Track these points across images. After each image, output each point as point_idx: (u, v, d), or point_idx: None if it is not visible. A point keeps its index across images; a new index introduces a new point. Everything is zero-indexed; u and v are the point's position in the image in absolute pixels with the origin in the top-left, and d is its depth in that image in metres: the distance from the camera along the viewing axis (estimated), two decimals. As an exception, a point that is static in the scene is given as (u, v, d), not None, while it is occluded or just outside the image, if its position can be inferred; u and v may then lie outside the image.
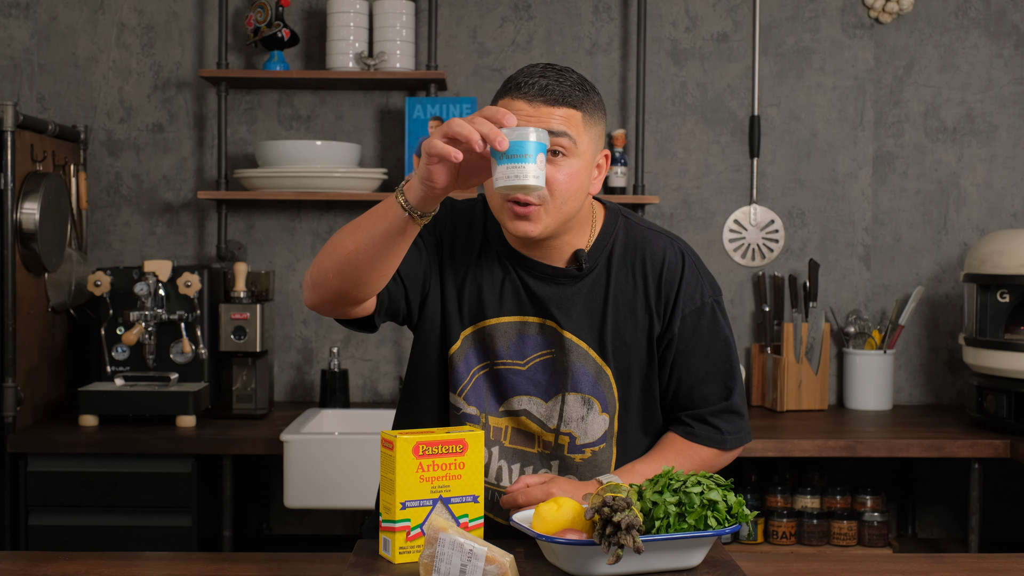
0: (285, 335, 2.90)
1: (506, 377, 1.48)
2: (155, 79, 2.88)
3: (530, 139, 1.23)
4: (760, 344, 2.89)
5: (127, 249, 2.89)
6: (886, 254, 2.93)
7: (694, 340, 1.49)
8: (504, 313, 1.48)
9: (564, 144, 1.39)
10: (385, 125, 2.90)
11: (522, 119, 1.37)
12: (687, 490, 1.27)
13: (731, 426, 1.52)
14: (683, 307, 1.48)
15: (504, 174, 1.23)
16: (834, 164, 2.91)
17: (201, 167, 2.90)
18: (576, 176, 1.40)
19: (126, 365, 2.58)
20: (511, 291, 1.48)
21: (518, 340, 1.48)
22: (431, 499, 1.31)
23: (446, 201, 1.55)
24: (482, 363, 1.48)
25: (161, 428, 2.43)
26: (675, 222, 2.90)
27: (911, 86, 2.91)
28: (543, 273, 1.48)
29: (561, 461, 1.49)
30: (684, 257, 1.51)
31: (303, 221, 2.90)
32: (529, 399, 1.48)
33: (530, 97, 1.38)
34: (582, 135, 1.40)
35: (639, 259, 1.49)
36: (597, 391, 1.48)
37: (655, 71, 2.89)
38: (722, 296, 1.54)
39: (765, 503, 2.61)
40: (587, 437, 1.48)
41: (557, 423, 1.48)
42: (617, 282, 1.48)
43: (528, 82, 1.39)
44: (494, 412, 1.49)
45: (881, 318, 2.92)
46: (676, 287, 1.48)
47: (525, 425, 1.49)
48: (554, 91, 1.39)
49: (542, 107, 1.38)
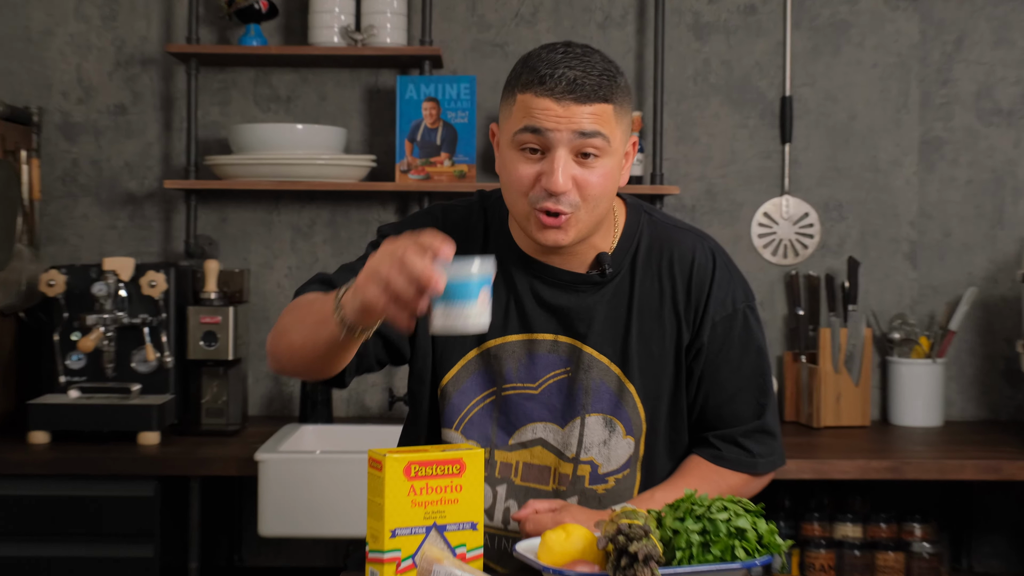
0: (261, 342, 2.88)
1: (517, 403, 1.46)
2: (117, 55, 2.87)
3: (472, 280, 1.18)
4: (793, 352, 2.87)
5: (84, 245, 2.87)
6: (934, 251, 2.91)
7: (724, 351, 1.48)
8: (510, 331, 1.46)
9: (597, 145, 1.37)
10: (374, 107, 2.89)
11: (550, 119, 1.35)
12: (712, 516, 1.26)
13: (763, 448, 1.51)
14: (713, 314, 1.47)
15: (441, 317, 1.19)
16: (875, 151, 2.89)
17: (168, 153, 2.88)
18: (609, 176, 1.39)
19: (82, 375, 2.56)
20: (518, 305, 1.47)
21: (528, 360, 1.46)
22: (424, 526, 1.29)
23: (435, 209, 1.53)
24: (487, 390, 1.47)
25: (121, 446, 2.42)
26: (697, 216, 2.89)
27: (961, 63, 2.89)
28: (561, 280, 1.46)
29: (581, 495, 1.47)
30: (715, 258, 1.50)
31: (282, 214, 2.89)
32: (544, 426, 1.47)
33: (558, 95, 1.35)
34: (615, 130, 1.39)
35: (665, 261, 1.48)
36: (620, 411, 1.46)
37: (675, 47, 2.88)
38: (755, 301, 1.53)
39: (800, 531, 2.59)
40: (610, 464, 1.47)
41: (576, 450, 1.46)
42: (642, 288, 1.47)
43: (553, 75, 1.35)
44: (503, 445, 1.47)
45: (929, 323, 2.90)
46: (706, 291, 1.47)
47: (539, 457, 1.47)
48: (584, 85, 1.35)
49: (572, 106, 1.35)
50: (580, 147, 1.36)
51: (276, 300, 2.88)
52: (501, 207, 1.50)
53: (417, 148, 2.74)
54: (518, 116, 1.38)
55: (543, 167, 1.37)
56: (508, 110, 1.40)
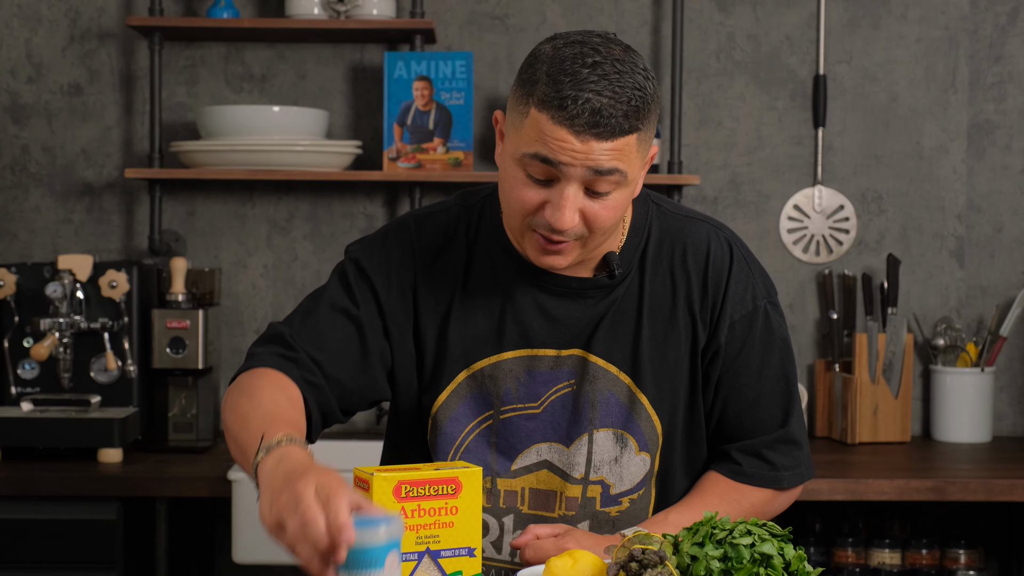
0: (234, 348, 2.91)
1: (517, 425, 1.48)
2: (71, 29, 2.89)
3: (378, 544, 1.15)
4: (826, 360, 2.90)
5: (36, 241, 2.90)
6: (984, 248, 2.93)
7: (744, 353, 1.49)
8: (507, 347, 1.48)
9: (613, 180, 1.34)
10: (359, 87, 2.91)
11: (565, 152, 1.32)
12: (734, 541, 1.27)
13: (788, 459, 1.52)
14: (731, 312, 1.48)
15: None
16: (919, 136, 2.92)
17: (129, 139, 2.91)
18: (621, 206, 1.38)
19: (35, 385, 2.59)
20: (514, 318, 1.47)
21: (528, 378, 1.47)
22: (416, 552, 1.31)
23: (407, 220, 1.53)
24: (483, 414, 1.48)
25: (79, 464, 2.44)
26: (720, 208, 2.91)
27: (1016, 37, 2.91)
28: (566, 288, 1.47)
29: (593, 519, 1.49)
30: (732, 250, 1.51)
31: (257, 206, 2.91)
32: (549, 446, 1.49)
33: (578, 128, 1.30)
34: (634, 159, 1.35)
35: (678, 255, 1.49)
36: (632, 426, 1.47)
37: (695, 19, 2.90)
38: (777, 296, 1.54)
39: (832, 558, 2.61)
40: (623, 484, 1.48)
41: (585, 470, 1.48)
42: (653, 287, 1.48)
43: (577, 100, 1.30)
44: (505, 472, 1.49)
45: (978, 328, 2.93)
46: (724, 287, 1.48)
47: (545, 481, 1.49)
48: (610, 119, 1.31)
49: (592, 142, 1.31)
50: (593, 183, 1.34)
51: (250, 302, 2.91)
52: (494, 207, 1.51)
53: (407, 133, 2.77)
54: (529, 135, 1.34)
55: (550, 196, 1.35)
56: (519, 118, 1.36)
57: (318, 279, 2.90)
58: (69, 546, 2.35)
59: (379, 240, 1.53)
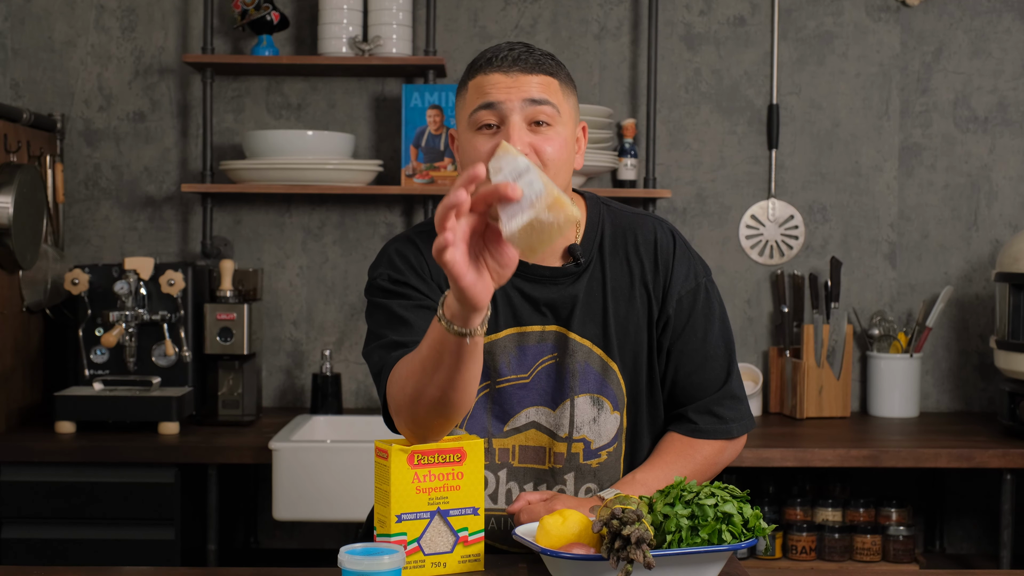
0: (274, 337, 2.90)
1: (511, 394, 1.49)
2: (136, 65, 2.89)
3: (383, 570, 1.12)
4: (779, 347, 2.89)
5: (106, 245, 2.89)
6: (913, 252, 2.93)
7: (691, 324, 1.52)
8: (501, 327, 1.48)
9: (548, 112, 1.41)
10: (380, 114, 2.91)
11: (501, 90, 1.40)
12: (700, 502, 1.27)
13: (734, 412, 1.54)
14: (678, 288, 1.52)
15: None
16: (858, 156, 2.91)
17: (185, 158, 2.90)
18: (565, 145, 1.43)
19: (105, 368, 2.59)
20: (504, 302, 1.49)
21: (518, 352, 1.49)
22: (428, 511, 1.31)
23: (388, 251, 1.50)
24: (481, 385, 1.48)
25: (142, 435, 2.44)
26: (688, 217, 2.91)
27: (940, 73, 2.91)
28: (541, 276, 1.49)
29: (577, 471, 1.50)
30: (675, 237, 1.55)
31: (293, 216, 2.91)
32: (536, 410, 1.50)
33: (505, 68, 1.41)
34: (563, 103, 1.44)
35: (631, 244, 1.52)
36: (606, 389, 1.50)
37: (667, 56, 2.89)
38: (711, 274, 1.58)
39: (783, 516, 2.61)
40: (601, 439, 1.50)
41: (568, 430, 1.49)
42: (613, 272, 1.51)
43: (498, 55, 1.42)
44: (498, 433, 1.50)
45: (907, 320, 2.92)
46: (670, 267, 1.52)
47: (534, 439, 1.50)
48: (528, 59, 1.42)
49: (519, 75, 1.41)
50: (532, 115, 1.40)
51: (288, 297, 2.91)
52: None
53: (422, 153, 2.76)
54: (472, 99, 1.43)
55: (499, 136, 1.40)
56: (462, 101, 1.45)
57: (346, 278, 2.90)
58: (134, 505, 2.35)
59: (388, 256, 1.52)
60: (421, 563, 1.31)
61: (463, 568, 1.33)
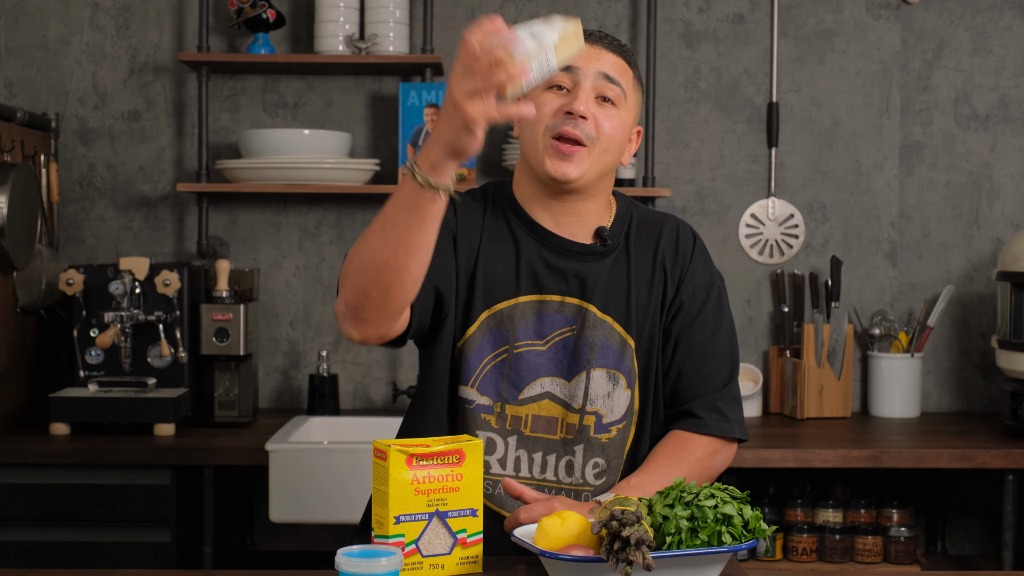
0: (270, 337, 2.90)
1: (527, 360, 1.52)
2: (131, 63, 2.89)
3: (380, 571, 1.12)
4: (779, 347, 2.89)
5: (101, 245, 2.89)
6: (914, 251, 2.93)
7: (702, 317, 1.56)
8: (522, 292, 1.52)
9: (616, 92, 1.49)
10: (377, 113, 2.91)
11: (580, 58, 1.45)
12: (700, 503, 1.27)
13: (735, 413, 1.58)
14: (694, 279, 1.57)
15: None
16: (858, 154, 2.92)
17: (180, 158, 2.90)
18: (622, 128, 1.51)
19: (100, 369, 2.58)
20: (528, 269, 1.53)
21: (536, 320, 1.52)
22: (427, 513, 1.31)
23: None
24: (499, 349, 1.51)
25: (138, 437, 2.44)
26: (688, 216, 2.91)
27: (940, 70, 2.91)
28: (568, 250, 1.54)
29: (587, 444, 1.52)
30: (695, 236, 1.62)
31: (290, 215, 2.91)
32: (551, 380, 1.53)
33: (591, 41, 1.49)
34: (631, 92, 1.52)
35: (655, 234, 1.59)
36: (622, 366, 1.53)
37: (666, 55, 2.90)
38: (725, 284, 1.63)
39: (784, 517, 2.61)
40: (613, 414, 1.53)
41: (583, 402, 1.52)
42: (636, 258, 1.57)
43: (586, 29, 1.47)
44: (513, 400, 1.52)
45: (908, 319, 2.92)
46: (690, 258, 1.58)
47: (547, 409, 1.52)
48: (612, 41, 1.52)
49: (602, 50, 1.50)
50: (602, 89, 1.49)
51: (284, 298, 2.90)
52: (504, 183, 1.59)
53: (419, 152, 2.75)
54: None
55: (568, 98, 1.48)
56: None
57: (343, 278, 2.90)
58: (129, 507, 2.35)
59: None
60: (419, 565, 1.31)
61: (461, 570, 1.33)
